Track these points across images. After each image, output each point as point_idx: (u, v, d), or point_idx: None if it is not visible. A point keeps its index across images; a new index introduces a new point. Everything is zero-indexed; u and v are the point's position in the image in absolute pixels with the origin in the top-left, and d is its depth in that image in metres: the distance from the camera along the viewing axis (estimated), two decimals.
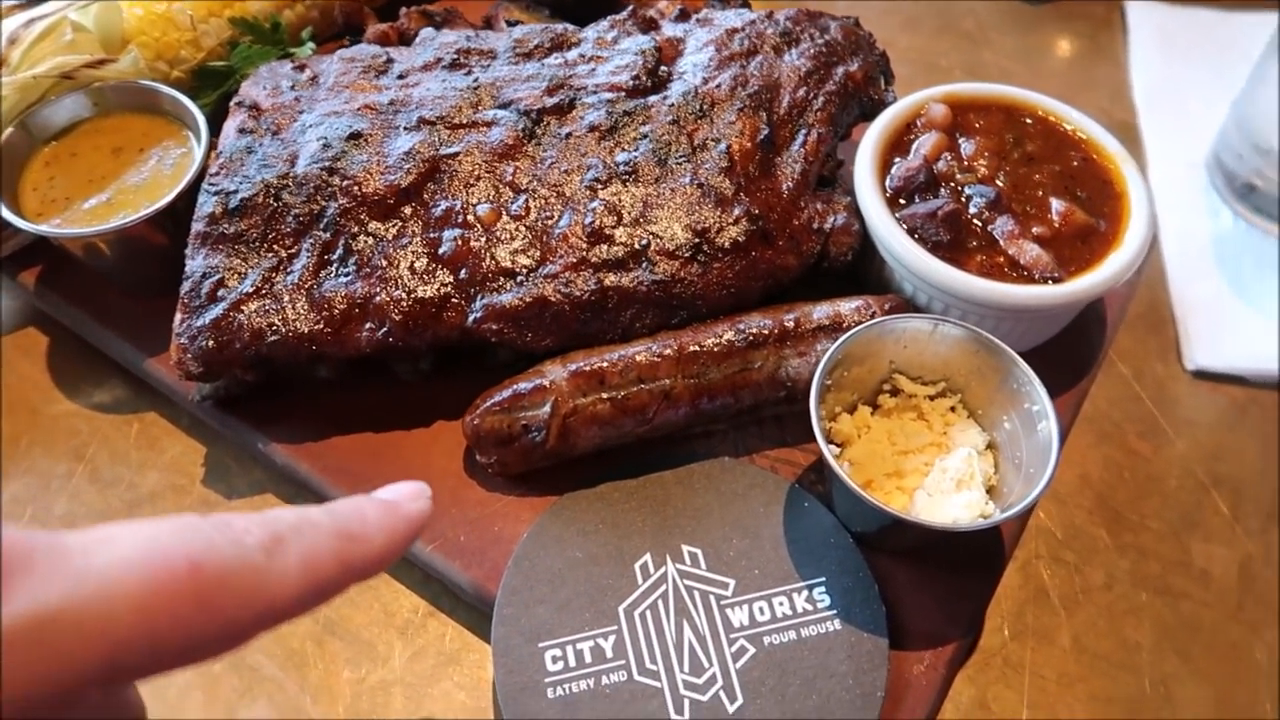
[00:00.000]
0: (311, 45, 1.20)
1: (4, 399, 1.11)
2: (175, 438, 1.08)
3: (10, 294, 1.19)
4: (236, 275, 0.93)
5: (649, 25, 1.14)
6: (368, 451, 1.00)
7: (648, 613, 0.91)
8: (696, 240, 0.97)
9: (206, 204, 0.96)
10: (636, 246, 0.97)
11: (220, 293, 0.92)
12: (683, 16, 1.16)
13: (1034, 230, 1.02)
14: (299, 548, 0.48)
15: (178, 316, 0.92)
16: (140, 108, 1.11)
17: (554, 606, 0.91)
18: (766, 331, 0.97)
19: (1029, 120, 1.13)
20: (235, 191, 0.96)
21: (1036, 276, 0.99)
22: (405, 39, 1.21)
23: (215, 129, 1.08)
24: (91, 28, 1.12)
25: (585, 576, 0.92)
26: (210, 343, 0.91)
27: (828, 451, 0.87)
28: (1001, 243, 1.01)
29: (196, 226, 0.95)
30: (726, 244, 0.98)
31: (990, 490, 0.92)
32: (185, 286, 0.93)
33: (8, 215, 0.99)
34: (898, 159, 1.08)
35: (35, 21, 1.08)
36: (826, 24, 1.17)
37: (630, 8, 1.13)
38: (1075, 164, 1.09)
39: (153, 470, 1.06)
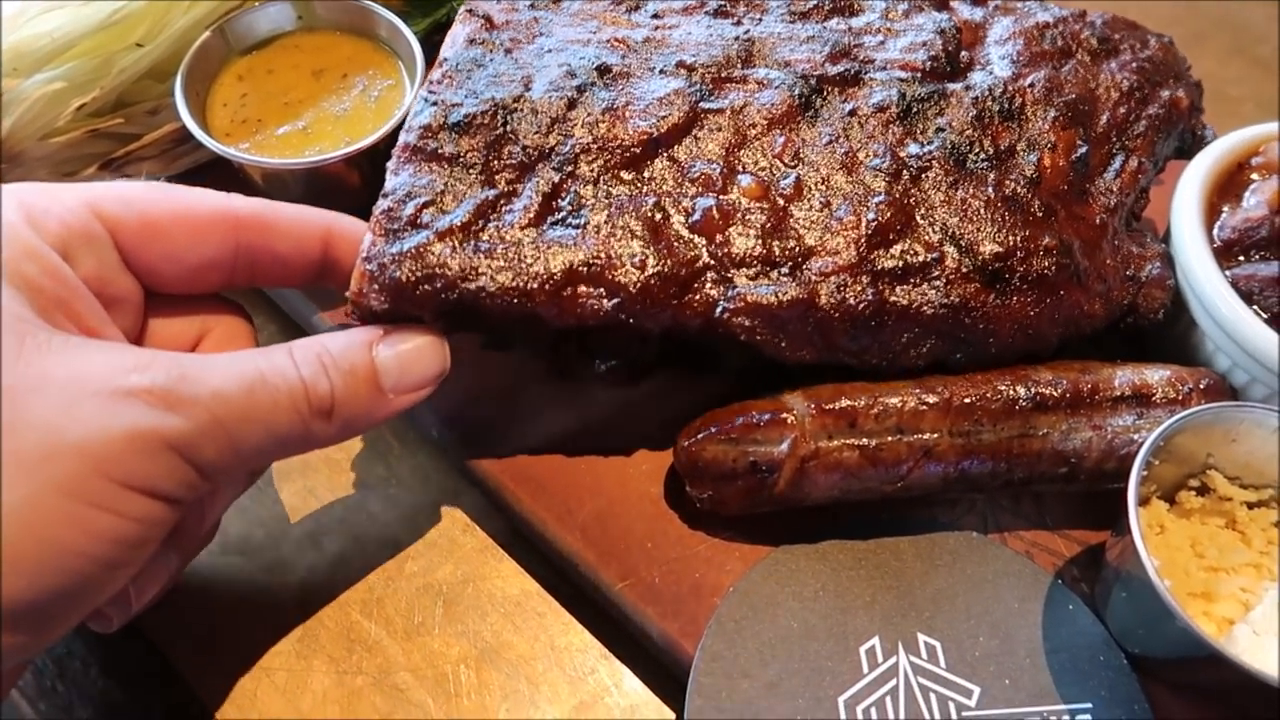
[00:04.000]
0: None
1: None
2: None
3: None
4: (448, 200, 0.76)
5: (942, 4, 0.96)
6: (556, 461, 0.84)
7: (873, 709, 0.73)
8: (998, 264, 0.80)
9: (423, 114, 0.79)
10: (927, 259, 0.79)
11: (424, 217, 0.75)
12: (978, 1, 0.98)
13: None
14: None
15: (367, 238, 0.75)
16: (349, 28, 0.96)
17: (762, 684, 0.73)
18: (1058, 394, 0.79)
19: None
20: (459, 105, 0.79)
21: None
22: None
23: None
24: None
25: (800, 653, 0.75)
26: (404, 275, 0.73)
27: (1150, 566, 0.68)
28: None
29: (406, 138, 0.78)
30: (1033, 275, 0.80)
31: None
32: (382, 204, 0.75)
33: (196, 132, 0.85)
34: (1226, 207, 0.90)
35: None
36: (1146, 38, 0.98)
37: None
38: None
39: None
